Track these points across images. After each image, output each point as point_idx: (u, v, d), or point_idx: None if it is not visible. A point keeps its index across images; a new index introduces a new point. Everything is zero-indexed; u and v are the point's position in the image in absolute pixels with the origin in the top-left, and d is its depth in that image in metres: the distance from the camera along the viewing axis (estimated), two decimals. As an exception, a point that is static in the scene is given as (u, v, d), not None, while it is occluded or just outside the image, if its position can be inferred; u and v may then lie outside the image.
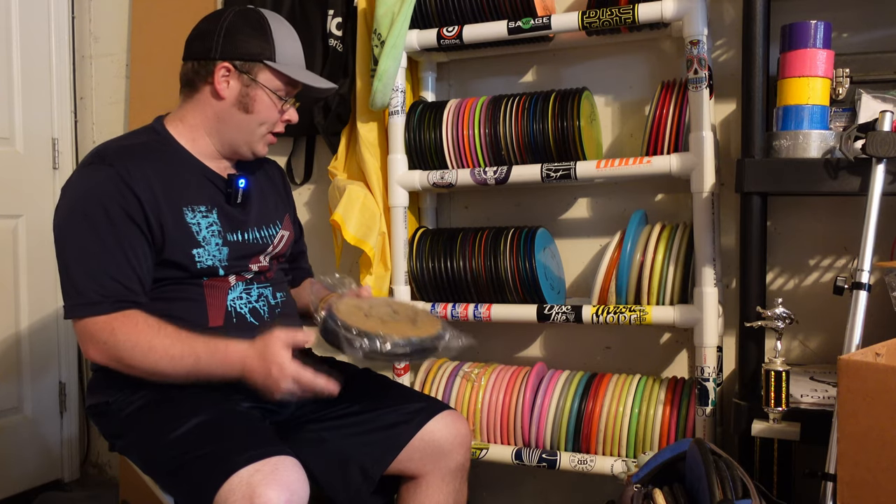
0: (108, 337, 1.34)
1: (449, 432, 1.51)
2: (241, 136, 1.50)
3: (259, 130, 1.51)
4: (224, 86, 1.46)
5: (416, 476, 1.50)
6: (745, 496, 1.30)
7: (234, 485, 1.19)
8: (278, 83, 1.49)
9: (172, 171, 1.45)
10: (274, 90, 1.48)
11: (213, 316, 1.46)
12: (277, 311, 1.55)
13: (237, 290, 1.49)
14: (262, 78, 1.47)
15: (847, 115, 1.67)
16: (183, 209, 1.43)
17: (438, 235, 1.96)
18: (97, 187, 1.38)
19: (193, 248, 1.43)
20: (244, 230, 1.52)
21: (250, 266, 1.52)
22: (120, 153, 1.43)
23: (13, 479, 2.39)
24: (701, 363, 1.72)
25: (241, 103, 1.48)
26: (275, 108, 1.50)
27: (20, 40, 2.42)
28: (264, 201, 1.59)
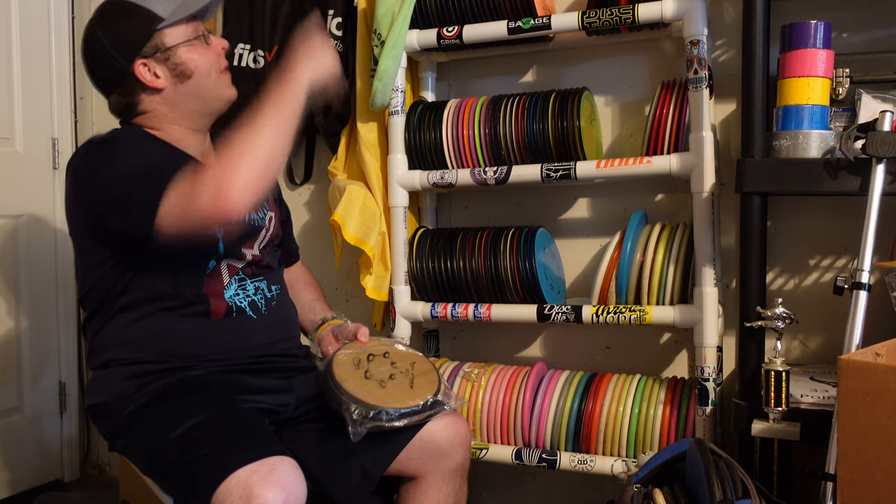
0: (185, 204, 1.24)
1: (449, 433, 1.51)
2: (204, 97, 1.48)
3: (212, 80, 1.48)
4: (153, 78, 1.44)
5: (416, 476, 1.50)
6: (746, 496, 1.30)
7: (231, 485, 1.19)
8: (182, 32, 1.44)
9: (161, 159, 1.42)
10: (186, 40, 1.44)
11: (214, 311, 1.46)
12: (274, 304, 1.55)
13: (232, 286, 1.49)
14: (169, 40, 1.43)
15: (847, 115, 1.67)
16: None
17: (438, 235, 1.96)
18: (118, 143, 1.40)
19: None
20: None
21: (244, 252, 1.51)
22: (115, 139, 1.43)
23: (13, 479, 2.39)
24: (701, 363, 1.72)
25: (179, 76, 1.45)
26: (204, 51, 1.46)
27: (20, 40, 2.42)
28: None
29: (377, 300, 2.08)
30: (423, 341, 2.14)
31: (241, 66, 2.23)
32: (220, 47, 1.50)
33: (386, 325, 2.12)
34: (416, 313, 1.97)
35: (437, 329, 2.16)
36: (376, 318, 2.17)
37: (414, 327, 2.03)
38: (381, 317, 2.15)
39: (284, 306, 1.60)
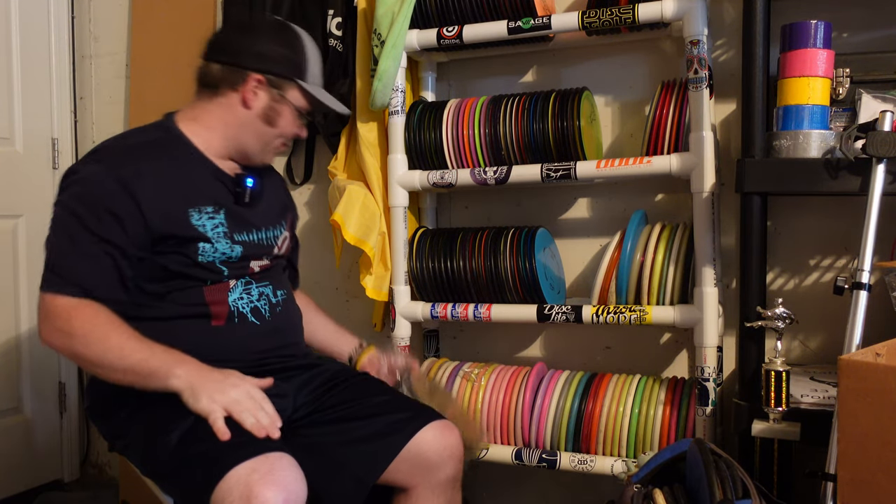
0: (64, 322, 1.34)
1: (438, 444, 1.46)
2: (258, 145, 1.53)
3: (275, 142, 1.55)
4: (252, 96, 1.48)
5: (407, 487, 1.47)
6: (746, 496, 1.30)
7: (230, 483, 1.18)
8: (304, 102, 1.53)
9: (180, 171, 1.46)
10: (299, 108, 1.52)
11: (215, 316, 1.46)
12: (279, 310, 1.54)
13: (237, 290, 1.49)
14: (291, 95, 1.51)
15: (847, 115, 1.67)
16: (189, 210, 1.43)
17: (438, 235, 1.96)
18: (89, 184, 1.38)
19: (199, 241, 1.43)
20: (250, 230, 1.52)
21: (252, 267, 1.52)
22: (122, 152, 1.43)
23: (13, 479, 2.39)
24: (701, 363, 1.72)
25: (266, 116, 1.50)
26: (296, 124, 1.54)
27: (20, 40, 2.42)
28: (269, 202, 1.60)
29: (377, 300, 2.08)
30: (423, 341, 2.14)
31: (241, 66, 2.22)
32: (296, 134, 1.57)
33: (386, 325, 2.12)
34: (416, 313, 1.97)
35: (437, 329, 2.16)
36: (376, 318, 2.17)
37: (414, 327, 2.03)
38: (381, 317, 2.15)
39: (289, 312, 1.59)
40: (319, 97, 1.53)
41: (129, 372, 1.32)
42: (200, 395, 1.29)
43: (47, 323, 1.36)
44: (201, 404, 1.28)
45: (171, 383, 1.31)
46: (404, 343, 1.99)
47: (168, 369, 1.31)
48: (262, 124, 1.51)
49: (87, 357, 1.34)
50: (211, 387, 1.30)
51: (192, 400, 1.29)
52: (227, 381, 1.32)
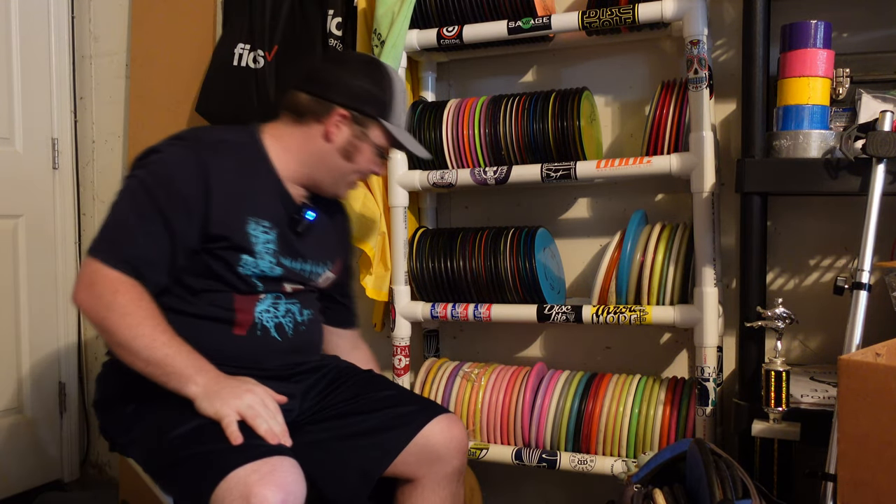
0: (108, 293, 1.33)
1: (445, 437, 1.49)
2: (333, 178, 1.54)
3: (350, 177, 1.55)
4: (335, 130, 1.50)
5: (412, 479, 1.50)
6: (746, 496, 1.30)
7: (231, 483, 1.19)
8: (384, 142, 1.54)
9: (251, 179, 1.47)
10: (379, 146, 1.53)
11: (239, 325, 1.46)
12: (302, 329, 1.54)
13: (266, 302, 1.49)
14: (373, 134, 1.52)
15: (847, 114, 1.67)
16: (248, 218, 1.44)
17: (438, 235, 1.96)
18: (170, 165, 1.40)
19: (243, 253, 1.43)
20: (296, 259, 1.52)
21: (285, 287, 1.52)
22: (206, 143, 1.45)
23: (13, 479, 2.39)
24: (701, 363, 1.72)
25: (346, 151, 1.51)
26: (374, 162, 1.54)
27: (20, 40, 2.42)
28: (324, 240, 1.60)
29: (377, 300, 2.08)
30: (423, 341, 2.14)
31: (241, 65, 2.23)
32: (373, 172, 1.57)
33: (386, 325, 2.12)
34: (416, 313, 1.97)
35: (437, 329, 2.16)
36: (376, 318, 2.17)
37: (414, 327, 2.03)
38: (381, 317, 2.15)
39: (312, 331, 1.59)
40: (401, 139, 1.54)
41: (151, 364, 1.32)
42: (214, 399, 1.29)
43: (91, 290, 1.34)
44: (215, 408, 1.29)
45: (188, 389, 1.31)
46: (404, 343, 1.99)
47: (189, 375, 1.32)
48: (340, 158, 1.51)
49: (116, 335, 1.33)
50: (226, 392, 1.30)
51: (206, 403, 1.30)
52: (242, 386, 1.33)
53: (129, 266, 1.35)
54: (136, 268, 1.35)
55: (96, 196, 2.65)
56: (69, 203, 2.59)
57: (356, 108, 1.50)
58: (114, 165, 2.62)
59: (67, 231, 2.58)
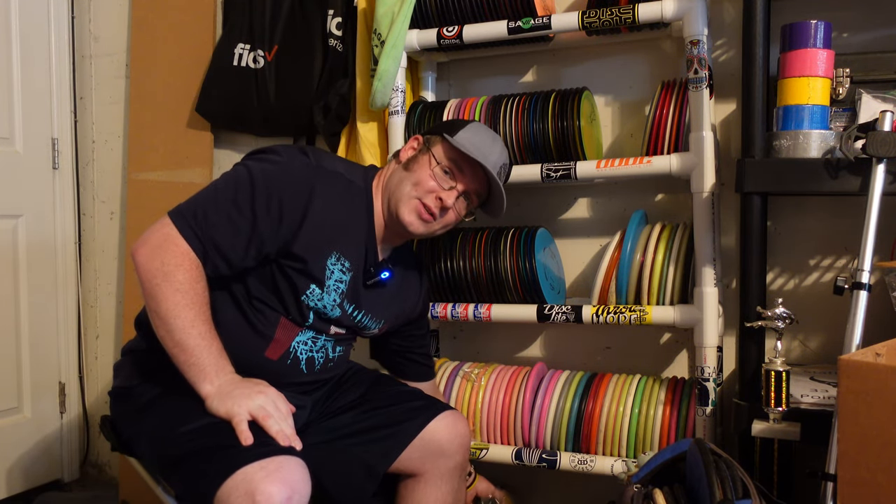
0: (173, 263, 1.32)
1: (450, 433, 1.52)
2: (396, 193, 1.52)
3: (408, 190, 1.50)
4: (406, 151, 1.54)
5: (416, 474, 1.51)
6: (746, 496, 1.30)
7: (237, 480, 1.19)
8: (445, 157, 1.52)
9: (349, 220, 1.48)
10: (438, 160, 1.51)
11: (273, 348, 1.46)
12: (330, 365, 1.55)
13: (307, 335, 1.49)
14: (435, 149, 1.52)
15: (847, 114, 1.67)
16: (331, 251, 1.44)
17: (438, 235, 1.96)
18: (284, 169, 1.41)
19: (314, 283, 1.43)
20: (357, 308, 1.52)
21: (330, 330, 1.52)
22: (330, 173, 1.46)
23: (13, 479, 2.39)
24: (701, 363, 1.72)
25: (408, 163, 1.53)
26: (431, 177, 1.50)
27: (20, 40, 2.42)
28: (388, 302, 1.60)
29: (377, 300, 2.08)
30: (423, 341, 2.14)
31: (241, 65, 2.23)
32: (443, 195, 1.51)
33: (386, 325, 2.12)
34: (416, 313, 1.96)
35: (437, 329, 2.15)
36: (376, 318, 2.16)
37: (414, 327, 2.03)
38: (381, 317, 2.15)
39: (338, 367, 1.60)
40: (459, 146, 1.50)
41: (179, 347, 1.32)
42: (226, 400, 1.29)
43: (157, 252, 1.33)
44: (226, 407, 1.29)
45: (202, 387, 1.31)
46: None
47: (208, 373, 1.31)
48: (402, 170, 1.53)
49: (159, 304, 1.32)
50: (238, 393, 1.30)
51: (218, 403, 1.30)
52: (255, 388, 1.33)
53: (201, 245, 1.34)
54: (207, 250, 1.35)
55: (96, 196, 2.65)
56: (69, 203, 2.59)
57: (428, 132, 1.57)
58: (114, 165, 2.62)
59: (67, 231, 2.58)
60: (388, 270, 1.54)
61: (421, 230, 1.52)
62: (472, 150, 1.50)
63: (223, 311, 1.43)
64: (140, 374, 1.44)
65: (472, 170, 1.51)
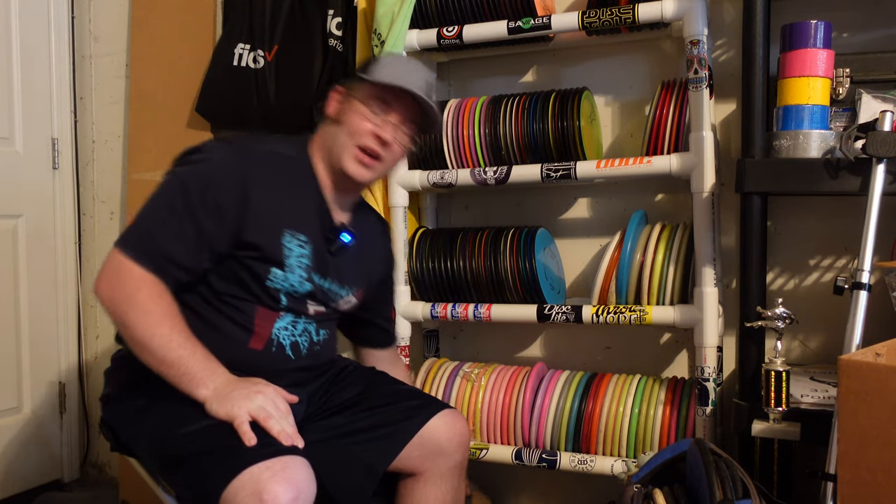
0: (132, 289, 1.34)
1: (449, 431, 1.51)
2: (333, 148, 1.49)
3: (345, 140, 1.48)
4: (332, 106, 1.52)
5: (415, 473, 1.51)
6: (746, 496, 1.30)
7: (244, 480, 1.19)
8: (369, 94, 1.48)
9: (294, 192, 1.46)
10: (363, 101, 1.48)
11: (255, 339, 1.45)
12: (316, 349, 1.54)
13: (286, 319, 1.48)
14: (357, 92, 1.49)
15: (847, 114, 1.67)
16: (284, 230, 1.44)
17: (438, 235, 1.96)
18: (212, 168, 1.40)
19: (274, 266, 1.43)
20: (325, 277, 1.51)
21: (308, 309, 1.51)
22: (254, 153, 1.45)
23: (13, 479, 2.39)
24: (701, 363, 1.72)
25: (337, 115, 1.50)
26: (362, 118, 1.47)
27: (20, 40, 2.42)
28: (355, 265, 1.59)
29: (377, 300, 2.08)
30: (423, 341, 2.14)
31: (241, 65, 2.22)
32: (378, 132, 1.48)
33: (386, 325, 2.12)
34: (416, 313, 1.97)
35: (436, 329, 2.16)
36: (376, 318, 2.16)
37: (414, 327, 2.03)
38: (381, 317, 2.15)
39: (325, 351, 1.59)
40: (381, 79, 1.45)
41: (165, 363, 1.32)
42: (225, 402, 1.29)
43: (114, 283, 1.35)
44: (226, 409, 1.29)
45: (199, 392, 1.31)
46: (404, 343, 1.99)
47: (201, 378, 1.32)
48: (334, 126, 1.50)
49: (135, 331, 1.33)
50: (237, 394, 1.30)
51: (217, 405, 1.30)
52: (253, 388, 1.32)
53: (154, 263, 1.35)
54: (160, 265, 1.35)
55: (96, 196, 2.65)
56: (69, 203, 2.59)
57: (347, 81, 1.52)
58: (114, 165, 2.62)
59: (67, 231, 2.58)
60: (348, 233, 1.53)
61: (368, 176, 1.49)
62: (394, 79, 1.47)
63: (199, 315, 1.42)
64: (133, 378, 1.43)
65: (399, 98, 1.48)
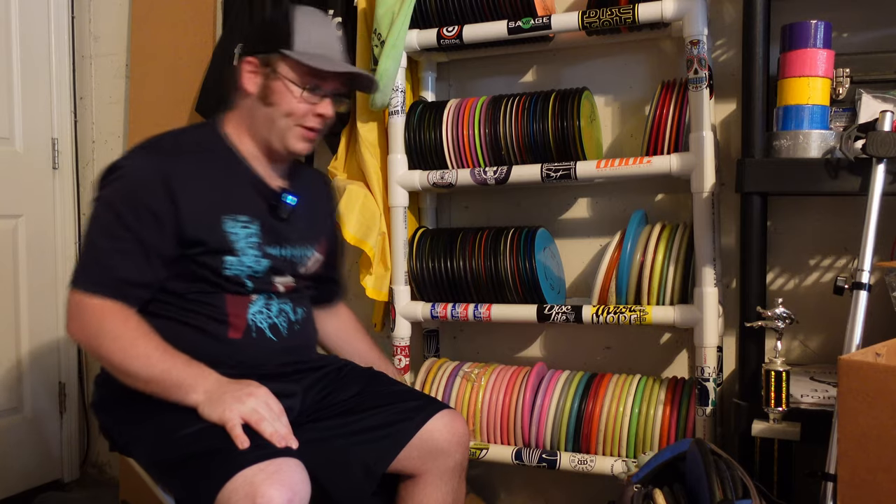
0: (96, 321, 1.35)
1: (448, 432, 1.51)
2: (270, 130, 1.48)
3: (284, 123, 1.47)
4: (249, 81, 1.48)
5: (415, 474, 1.51)
6: (746, 496, 1.30)
7: (237, 484, 1.19)
8: (297, 73, 1.45)
9: (220, 175, 1.46)
10: (292, 80, 1.45)
11: (233, 328, 1.45)
12: (297, 328, 1.54)
13: (258, 303, 1.48)
14: (281, 69, 1.45)
15: (847, 114, 1.67)
16: (223, 217, 1.43)
17: (438, 235, 1.96)
18: (132, 180, 1.39)
19: (225, 255, 1.42)
20: (283, 245, 1.51)
21: (276, 285, 1.51)
22: (173, 148, 1.44)
23: (13, 479, 2.39)
24: (701, 363, 1.72)
25: (263, 96, 1.47)
26: (295, 98, 1.46)
27: (20, 40, 2.42)
28: (307, 221, 1.59)
29: (377, 300, 2.08)
30: (423, 341, 2.14)
31: (241, 66, 2.22)
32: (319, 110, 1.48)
33: (386, 325, 2.12)
34: (416, 313, 1.97)
35: (437, 329, 2.16)
36: (376, 318, 2.17)
37: (414, 327, 2.03)
38: (381, 317, 2.15)
39: (307, 330, 1.59)
40: (309, 62, 1.43)
41: (151, 382, 1.33)
42: (217, 405, 1.29)
43: (78, 321, 1.37)
44: (218, 413, 1.29)
45: (190, 398, 1.31)
46: (404, 343, 1.99)
47: (190, 384, 1.32)
48: (263, 107, 1.47)
49: (112, 360, 1.35)
50: (228, 397, 1.30)
51: (210, 409, 1.30)
52: (244, 390, 1.32)
53: (108, 290, 1.35)
54: (116, 289, 1.36)
55: (96, 196, 2.65)
56: (69, 203, 2.59)
57: (257, 51, 1.46)
58: (114, 165, 2.62)
59: (67, 231, 2.58)
60: (291, 195, 1.51)
61: (310, 147, 1.52)
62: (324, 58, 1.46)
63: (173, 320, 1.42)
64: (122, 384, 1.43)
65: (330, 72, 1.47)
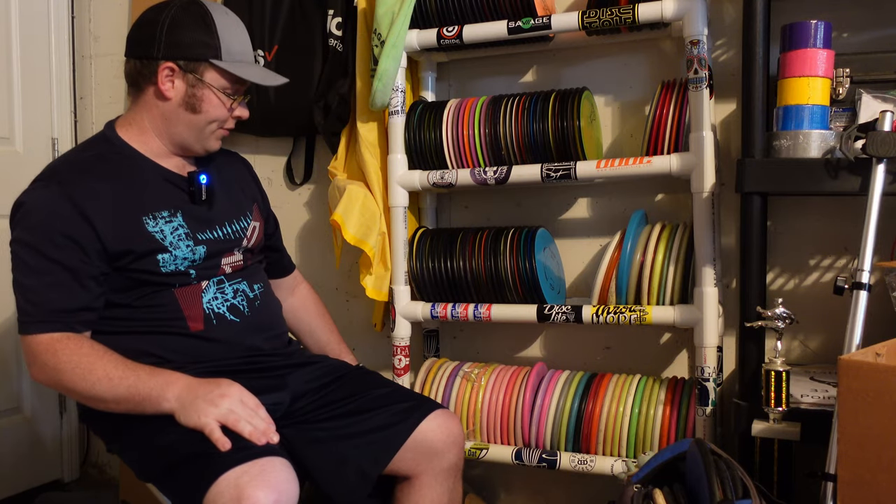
0: (50, 358, 1.33)
1: (442, 432, 1.50)
2: (192, 135, 1.48)
3: (209, 128, 1.49)
4: (169, 86, 1.44)
5: (411, 476, 1.50)
6: (746, 496, 1.30)
7: (222, 487, 1.19)
8: (225, 82, 1.46)
9: (128, 180, 1.44)
10: (221, 89, 1.46)
11: (191, 321, 1.44)
12: (257, 304, 1.53)
13: (210, 291, 1.47)
14: (209, 77, 1.44)
15: (847, 115, 1.67)
16: (143, 219, 1.42)
17: (438, 235, 1.96)
18: (44, 209, 1.38)
19: (158, 253, 1.41)
20: (213, 227, 1.50)
21: (223, 267, 1.50)
22: (70, 170, 1.42)
23: (13, 479, 2.39)
24: (701, 363, 1.72)
25: (188, 103, 1.45)
26: (223, 106, 1.47)
27: (20, 40, 2.42)
28: (230, 194, 1.58)
29: (377, 300, 2.08)
30: (423, 341, 2.14)
31: (241, 66, 2.22)
32: (237, 112, 1.51)
33: (386, 325, 2.12)
34: (416, 313, 1.97)
35: (436, 329, 2.15)
36: (376, 318, 2.17)
37: (414, 327, 2.03)
38: (381, 317, 2.15)
39: (268, 305, 1.58)
40: (240, 73, 1.45)
41: (121, 401, 1.32)
42: (191, 412, 1.28)
43: (35, 364, 1.36)
44: (194, 420, 1.28)
45: (163, 407, 1.31)
46: (404, 343, 1.99)
47: (158, 393, 1.31)
48: (187, 113, 1.46)
49: (77, 390, 1.34)
50: (201, 402, 1.29)
51: (185, 416, 1.29)
52: (216, 391, 1.31)
53: (51, 324, 1.34)
54: (58, 321, 1.35)
55: (96, 196, 2.65)
56: (69, 203, 2.59)
57: (180, 56, 1.42)
58: (114, 165, 2.62)
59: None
60: (202, 174, 1.50)
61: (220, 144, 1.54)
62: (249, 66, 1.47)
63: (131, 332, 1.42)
64: None
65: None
